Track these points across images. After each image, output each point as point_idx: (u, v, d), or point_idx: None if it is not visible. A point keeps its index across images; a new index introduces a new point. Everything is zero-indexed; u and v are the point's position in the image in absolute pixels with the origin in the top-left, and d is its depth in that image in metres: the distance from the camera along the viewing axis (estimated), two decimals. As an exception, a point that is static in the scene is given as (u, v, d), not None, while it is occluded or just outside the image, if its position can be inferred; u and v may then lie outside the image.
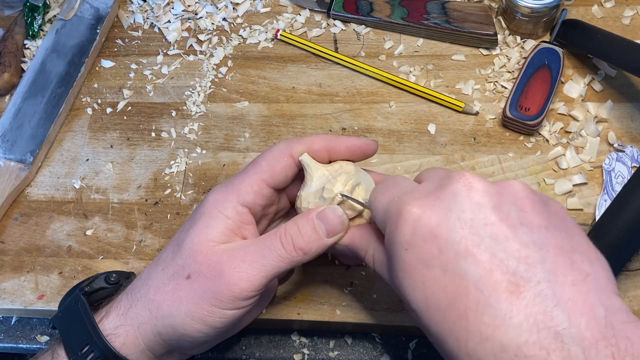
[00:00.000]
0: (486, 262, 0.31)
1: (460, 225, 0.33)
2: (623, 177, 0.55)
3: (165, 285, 0.42)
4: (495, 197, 0.34)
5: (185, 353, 0.46)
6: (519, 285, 0.30)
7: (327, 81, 0.64)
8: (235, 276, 0.40)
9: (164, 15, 0.71)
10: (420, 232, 0.34)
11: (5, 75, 0.66)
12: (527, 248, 0.32)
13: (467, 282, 0.31)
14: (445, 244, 0.33)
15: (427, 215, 0.34)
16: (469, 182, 0.34)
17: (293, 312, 0.52)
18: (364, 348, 0.53)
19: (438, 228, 0.33)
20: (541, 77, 0.59)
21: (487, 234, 0.32)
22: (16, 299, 0.55)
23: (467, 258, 0.32)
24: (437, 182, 0.36)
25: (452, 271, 0.32)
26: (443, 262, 0.33)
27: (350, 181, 0.43)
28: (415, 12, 0.65)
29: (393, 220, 0.36)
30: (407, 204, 0.35)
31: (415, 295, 0.34)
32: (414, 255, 0.34)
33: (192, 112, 0.64)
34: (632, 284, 0.51)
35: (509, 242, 0.32)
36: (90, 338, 0.42)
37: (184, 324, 0.41)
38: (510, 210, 0.33)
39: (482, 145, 0.59)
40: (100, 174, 0.62)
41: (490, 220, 0.33)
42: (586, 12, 0.65)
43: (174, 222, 0.58)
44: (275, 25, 0.69)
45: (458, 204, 0.34)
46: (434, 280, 0.33)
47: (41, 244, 0.58)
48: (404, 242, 0.34)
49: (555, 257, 0.31)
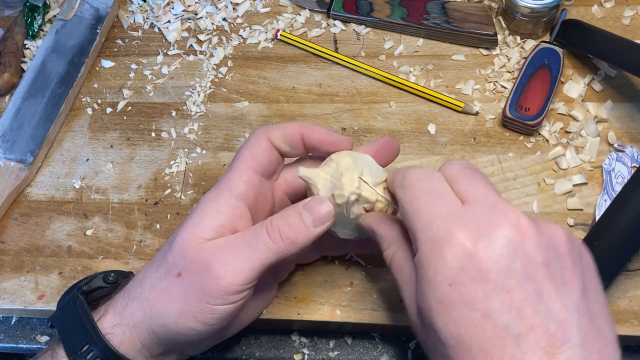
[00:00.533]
0: (529, 319, 0.32)
1: (510, 275, 0.33)
2: (623, 177, 0.55)
3: (158, 284, 0.42)
4: (544, 250, 0.34)
5: (182, 353, 0.46)
6: (555, 346, 0.31)
7: (327, 81, 0.64)
8: (223, 270, 0.40)
9: (164, 15, 0.71)
10: (470, 271, 0.33)
11: (5, 75, 0.66)
12: (567, 311, 0.32)
13: (506, 334, 0.32)
14: (492, 292, 0.32)
15: (479, 255, 0.33)
16: (523, 230, 0.34)
17: (293, 312, 0.52)
18: (364, 348, 0.53)
19: (488, 273, 0.33)
20: (541, 77, 0.59)
21: (533, 290, 0.32)
22: (16, 299, 0.55)
23: (511, 311, 0.32)
24: (487, 213, 0.35)
25: (493, 320, 0.32)
26: (487, 308, 0.32)
27: (355, 175, 0.43)
28: (415, 12, 0.65)
29: (437, 244, 0.34)
30: (457, 233, 0.34)
31: (448, 329, 0.33)
32: (457, 292, 0.33)
33: (192, 112, 0.64)
34: (632, 284, 0.51)
35: (552, 302, 0.32)
36: (90, 337, 0.42)
37: (176, 322, 0.41)
38: (556, 267, 0.34)
39: (482, 145, 0.59)
40: (100, 174, 0.62)
41: (538, 275, 0.33)
42: (586, 12, 0.65)
43: (174, 222, 0.58)
44: (275, 25, 0.69)
45: (511, 251, 0.33)
46: (472, 322, 0.33)
47: (41, 244, 0.58)
48: (449, 275, 0.33)
49: (588, 323, 0.33)
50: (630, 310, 0.50)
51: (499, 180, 0.56)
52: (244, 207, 0.43)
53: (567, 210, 0.54)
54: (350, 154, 0.44)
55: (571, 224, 0.54)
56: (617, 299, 0.50)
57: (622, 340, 0.50)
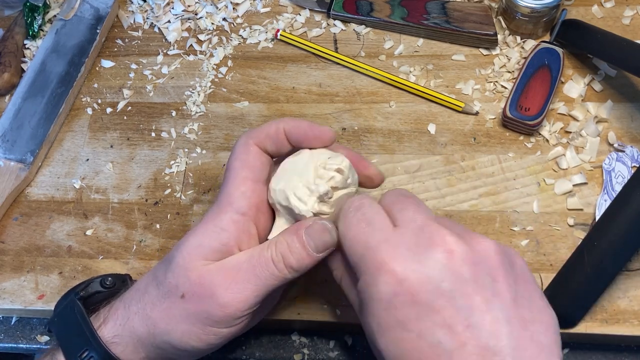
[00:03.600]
0: (460, 334, 0.33)
1: (439, 295, 0.34)
2: (623, 177, 0.55)
3: (160, 302, 0.42)
4: (472, 267, 0.35)
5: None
6: (486, 358, 0.33)
7: (327, 81, 0.64)
8: (228, 297, 0.40)
9: (164, 15, 0.71)
10: (401, 296, 0.35)
11: (5, 75, 0.66)
12: (498, 323, 0.34)
13: (440, 351, 0.34)
14: (424, 312, 0.34)
15: (409, 280, 0.35)
16: (450, 249, 0.36)
17: (293, 312, 0.52)
18: (363, 348, 0.53)
19: (418, 295, 0.35)
20: (541, 77, 0.59)
21: (464, 306, 0.34)
22: (16, 299, 0.55)
23: (443, 328, 0.34)
24: (414, 236, 0.37)
25: (427, 339, 0.34)
26: (420, 328, 0.34)
27: (308, 185, 0.42)
28: (415, 12, 0.65)
29: (370, 273, 0.36)
30: (387, 261, 0.36)
31: (390, 350, 0.36)
32: (391, 316, 0.35)
33: (192, 112, 0.64)
34: (632, 284, 0.51)
35: (482, 315, 0.34)
36: (89, 344, 0.42)
37: (181, 341, 0.41)
38: (484, 280, 0.35)
39: (482, 145, 0.59)
40: (100, 174, 0.62)
41: (467, 291, 0.35)
42: (586, 12, 0.65)
43: (174, 222, 0.58)
44: (275, 25, 0.69)
45: (439, 271, 0.35)
46: (408, 342, 0.35)
47: (41, 244, 0.58)
48: (382, 301, 0.35)
49: (519, 330, 0.34)
50: (630, 310, 0.50)
51: (499, 180, 0.56)
52: (248, 220, 0.43)
53: (567, 210, 0.54)
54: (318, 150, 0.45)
55: (571, 224, 0.54)
56: (617, 299, 0.50)
57: (622, 340, 0.51)
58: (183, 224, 0.58)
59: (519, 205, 0.55)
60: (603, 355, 0.51)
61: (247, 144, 0.44)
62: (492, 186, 0.56)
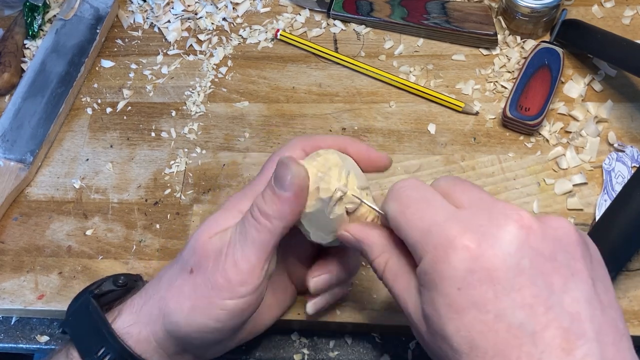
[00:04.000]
0: (542, 316, 0.31)
1: (519, 272, 0.32)
2: (623, 177, 0.55)
3: (174, 281, 0.42)
4: (551, 243, 0.33)
5: (198, 354, 0.45)
6: (570, 341, 0.30)
7: (327, 81, 0.64)
8: (226, 263, 0.40)
9: (163, 15, 0.71)
10: (477, 273, 0.32)
11: (5, 75, 0.66)
12: (579, 303, 0.31)
13: (521, 333, 0.31)
14: (502, 291, 0.32)
15: (485, 255, 0.32)
16: (526, 224, 0.33)
17: (293, 312, 0.51)
18: (364, 348, 0.53)
19: (496, 272, 0.32)
20: (541, 77, 0.59)
21: (544, 285, 0.32)
22: (16, 299, 0.55)
23: (524, 308, 0.31)
24: (486, 213, 0.34)
25: (507, 319, 0.31)
26: (498, 308, 0.32)
27: (342, 172, 0.41)
28: (415, 12, 0.65)
29: (441, 250, 0.33)
30: (460, 237, 0.33)
31: (461, 335, 0.32)
32: (467, 296, 0.32)
33: (192, 112, 0.64)
34: (632, 284, 0.51)
35: (563, 296, 0.32)
36: (105, 340, 0.42)
37: (187, 320, 0.41)
38: (563, 258, 0.33)
39: (482, 145, 0.59)
40: (100, 174, 0.62)
41: (546, 269, 0.32)
42: (586, 12, 0.65)
43: (173, 222, 0.58)
44: (275, 25, 0.69)
45: (517, 247, 0.32)
46: (484, 325, 0.32)
47: (41, 244, 0.58)
48: (456, 279, 0.32)
49: (601, 314, 0.32)
50: (630, 310, 0.50)
51: (499, 180, 0.56)
52: None
53: (567, 210, 0.54)
54: (338, 152, 0.43)
55: (571, 224, 0.54)
56: (617, 299, 0.50)
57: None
58: (183, 224, 0.58)
59: (519, 205, 0.55)
60: (603, 355, 0.51)
61: (296, 147, 0.44)
62: (492, 186, 0.56)
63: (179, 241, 0.57)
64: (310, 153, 0.43)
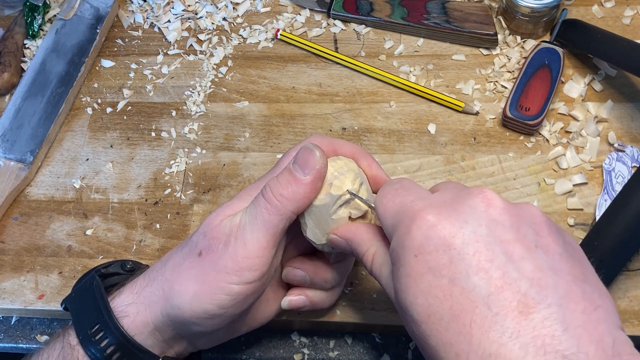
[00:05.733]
0: (498, 279, 0.31)
1: (476, 239, 0.32)
2: (623, 177, 0.55)
3: (180, 264, 0.42)
4: (513, 217, 0.33)
5: (193, 342, 0.45)
6: (528, 305, 0.30)
7: (327, 81, 0.64)
8: (236, 245, 0.40)
9: (164, 15, 0.71)
10: (433, 240, 0.33)
11: (5, 75, 0.66)
12: (541, 271, 0.31)
13: (475, 297, 0.31)
14: (457, 255, 0.32)
15: (442, 224, 0.33)
16: (488, 197, 0.34)
17: (293, 312, 0.51)
18: (364, 348, 0.53)
19: (452, 238, 0.32)
20: (541, 77, 0.59)
21: (501, 251, 0.32)
22: (16, 299, 0.55)
23: (478, 272, 0.31)
24: (454, 194, 0.35)
25: (460, 283, 0.31)
26: (453, 272, 0.32)
27: (357, 179, 0.42)
28: (416, 12, 0.65)
29: (405, 224, 0.35)
30: (422, 210, 0.34)
31: (418, 303, 0.33)
32: (423, 262, 0.33)
33: (192, 112, 0.64)
34: (632, 284, 0.51)
35: (523, 262, 0.31)
36: (101, 317, 0.42)
37: (191, 305, 0.41)
38: (527, 231, 0.33)
39: (482, 145, 0.59)
40: (100, 174, 0.62)
41: (506, 237, 0.32)
42: (586, 12, 0.65)
43: (174, 221, 0.58)
44: (275, 25, 0.69)
45: (475, 217, 0.33)
46: (440, 290, 0.32)
47: (41, 243, 0.58)
48: (414, 247, 0.33)
49: (568, 284, 0.31)
50: (630, 310, 0.50)
51: (499, 180, 0.56)
52: None
53: (567, 210, 0.54)
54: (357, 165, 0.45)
55: (571, 223, 0.54)
56: (617, 299, 0.50)
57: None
58: (183, 223, 0.58)
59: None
60: (603, 355, 0.51)
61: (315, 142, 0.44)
62: (492, 186, 0.56)
63: (179, 241, 0.57)
64: (327, 153, 0.43)
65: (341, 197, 0.42)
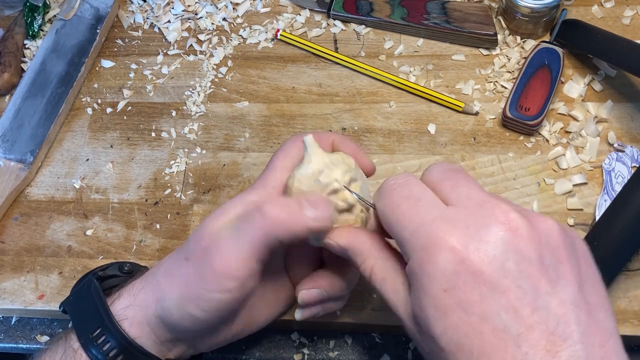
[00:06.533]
0: (527, 318, 0.31)
1: (504, 275, 0.32)
2: (623, 177, 0.55)
3: (171, 268, 0.43)
4: (537, 244, 0.33)
5: (191, 345, 0.45)
6: (556, 344, 0.31)
7: (327, 81, 0.64)
8: (217, 254, 0.40)
9: (164, 15, 0.71)
10: (463, 275, 0.32)
11: (5, 75, 0.66)
12: (565, 306, 0.32)
13: (506, 336, 0.31)
14: (488, 293, 0.32)
15: (471, 257, 0.33)
16: (513, 225, 0.33)
17: (293, 312, 0.51)
18: (364, 348, 0.53)
19: (482, 275, 0.32)
20: (541, 77, 0.59)
21: (529, 287, 0.32)
22: (16, 299, 0.55)
23: (508, 311, 0.32)
24: (474, 213, 0.34)
25: (492, 322, 0.32)
26: (483, 310, 0.32)
27: (349, 174, 0.42)
28: (415, 12, 0.65)
29: (427, 250, 0.34)
30: (446, 239, 0.33)
31: (447, 336, 0.33)
32: (453, 297, 0.33)
33: (192, 112, 0.64)
34: (632, 283, 0.51)
35: (549, 298, 0.32)
36: (102, 321, 0.42)
37: (177, 307, 0.41)
38: (550, 261, 0.33)
39: (482, 145, 0.59)
40: (100, 174, 0.62)
41: (533, 272, 0.32)
42: (586, 12, 0.65)
43: (174, 222, 0.58)
44: (275, 25, 0.69)
45: (503, 250, 0.33)
46: (470, 327, 0.32)
47: (41, 243, 0.58)
48: (442, 280, 0.33)
49: (587, 316, 0.32)
50: (630, 310, 0.50)
51: (499, 180, 0.56)
52: (278, 192, 0.43)
53: (567, 210, 0.54)
54: (357, 165, 0.45)
55: (571, 223, 0.54)
56: (617, 299, 0.50)
57: (622, 340, 0.51)
58: (183, 224, 0.58)
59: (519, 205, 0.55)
60: (603, 355, 0.51)
61: (296, 140, 0.45)
62: (492, 186, 0.56)
63: (179, 241, 0.57)
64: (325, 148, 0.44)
65: (329, 185, 0.41)
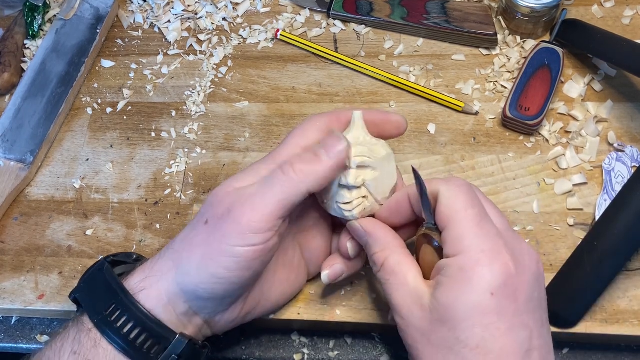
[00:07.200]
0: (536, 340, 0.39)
1: (531, 300, 0.40)
2: (623, 177, 0.55)
3: (187, 235, 0.44)
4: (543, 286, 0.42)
5: (205, 321, 0.45)
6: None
7: (327, 81, 0.64)
8: (241, 210, 0.41)
9: (164, 15, 0.71)
10: (509, 288, 0.38)
11: (5, 75, 0.66)
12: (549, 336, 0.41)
13: (519, 348, 0.38)
14: (518, 311, 0.38)
15: (518, 278, 0.39)
16: (540, 266, 0.41)
17: (293, 312, 0.52)
18: (364, 348, 0.53)
19: (520, 295, 0.39)
20: (541, 77, 0.59)
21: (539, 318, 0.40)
22: (16, 299, 0.55)
23: (526, 330, 0.38)
24: (517, 245, 0.41)
25: (515, 334, 0.38)
26: (512, 323, 0.38)
27: (367, 159, 0.44)
28: (415, 12, 0.65)
29: (488, 256, 0.39)
30: (505, 253, 0.39)
31: (474, 332, 0.38)
32: (495, 303, 0.38)
33: (192, 112, 0.64)
34: (632, 283, 0.51)
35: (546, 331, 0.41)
36: (117, 297, 0.42)
37: (198, 268, 0.42)
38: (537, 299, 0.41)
39: (482, 145, 0.59)
40: (100, 174, 0.62)
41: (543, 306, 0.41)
42: (586, 12, 0.65)
43: (174, 221, 0.58)
44: (275, 25, 0.69)
45: (535, 282, 0.40)
46: (498, 332, 0.38)
47: (41, 243, 0.58)
48: (493, 285, 0.38)
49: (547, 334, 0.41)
50: (630, 310, 0.50)
51: (499, 180, 0.56)
52: None
53: (567, 210, 0.54)
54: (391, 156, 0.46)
55: (571, 223, 0.54)
56: (617, 299, 0.50)
57: (622, 340, 0.51)
58: (183, 223, 0.58)
59: (519, 205, 0.55)
60: (603, 355, 0.51)
61: (314, 120, 0.46)
62: (492, 186, 0.56)
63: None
64: (329, 124, 0.46)
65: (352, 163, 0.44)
